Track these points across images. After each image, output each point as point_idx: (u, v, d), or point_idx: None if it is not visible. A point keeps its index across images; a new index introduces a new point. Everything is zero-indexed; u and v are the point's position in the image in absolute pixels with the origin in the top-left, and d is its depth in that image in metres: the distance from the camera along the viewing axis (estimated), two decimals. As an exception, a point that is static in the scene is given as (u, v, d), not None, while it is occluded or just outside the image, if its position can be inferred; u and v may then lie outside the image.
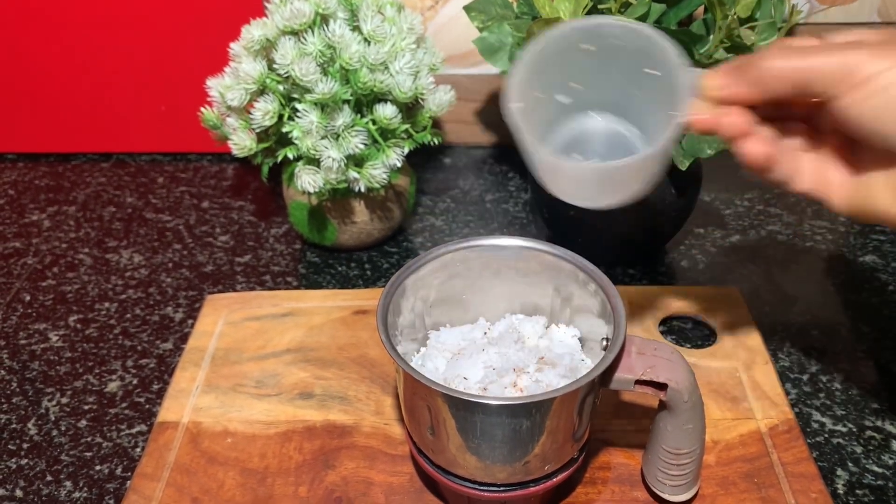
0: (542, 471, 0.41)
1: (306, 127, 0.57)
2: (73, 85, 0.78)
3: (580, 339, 0.46)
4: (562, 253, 0.45)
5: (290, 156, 0.59)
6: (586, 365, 0.45)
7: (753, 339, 0.56)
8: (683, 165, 0.55)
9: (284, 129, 0.58)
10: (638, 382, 0.40)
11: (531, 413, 0.38)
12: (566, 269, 0.45)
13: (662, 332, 0.58)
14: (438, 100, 0.61)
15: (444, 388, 0.38)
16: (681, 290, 0.61)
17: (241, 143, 0.59)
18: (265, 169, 0.62)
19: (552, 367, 0.43)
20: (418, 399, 0.40)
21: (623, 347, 0.40)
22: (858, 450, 0.50)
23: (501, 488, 0.42)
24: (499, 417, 0.38)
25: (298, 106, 0.58)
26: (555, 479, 0.43)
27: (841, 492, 0.47)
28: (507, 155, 0.81)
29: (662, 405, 0.41)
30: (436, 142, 0.62)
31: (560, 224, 0.64)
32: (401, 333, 0.45)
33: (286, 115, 0.59)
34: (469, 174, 0.78)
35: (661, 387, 0.40)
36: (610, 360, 0.39)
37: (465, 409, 0.38)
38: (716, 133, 0.39)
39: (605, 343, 0.43)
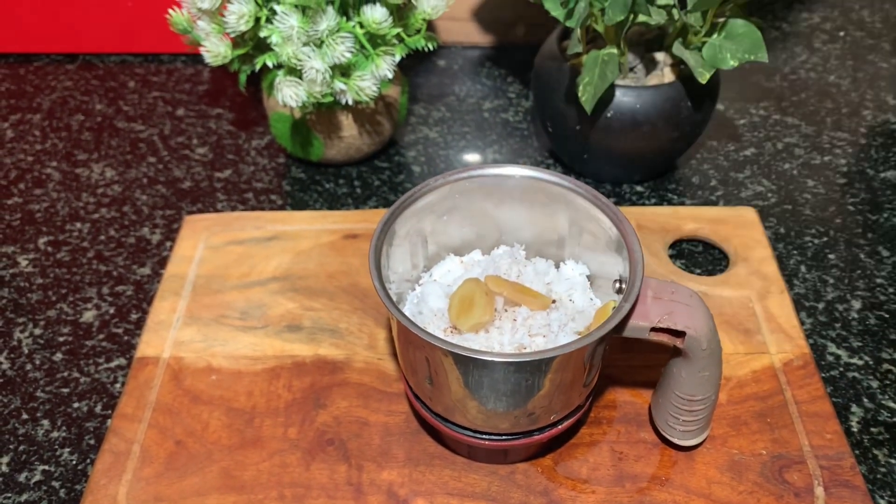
0: (547, 420, 0.39)
1: (286, 33, 0.51)
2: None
3: (589, 277, 0.43)
4: (572, 184, 0.41)
5: (270, 63, 0.54)
6: (594, 305, 0.42)
7: (769, 265, 0.53)
8: (704, 78, 0.50)
9: (262, 34, 0.52)
10: (654, 330, 0.37)
11: (539, 369, 0.35)
12: (576, 203, 0.41)
13: (671, 257, 0.55)
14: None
15: (445, 342, 0.35)
16: (692, 211, 0.57)
17: (215, 49, 0.53)
18: (242, 77, 0.57)
19: (559, 309, 0.40)
20: (415, 349, 0.37)
21: (638, 293, 0.37)
22: (874, 384, 0.47)
23: (504, 437, 0.39)
24: (504, 374, 0.35)
25: (277, 8, 0.52)
26: (560, 427, 0.40)
27: (855, 429, 0.45)
28: (506, 56, 0.75)
29: (677, 351, 0.38)
30: (430, 47, 0.56)
31: (564, 138, 0.59)
32: (396, 273, 0.42)
33: (263, 18, 0.53)
34: (465, 78, 0.73)
35: (679, 334, 0.37)
36: (626, 310, 0.35)
37: (468, 364, 0.35)
38: None
39: (617, 285, 0.40)
